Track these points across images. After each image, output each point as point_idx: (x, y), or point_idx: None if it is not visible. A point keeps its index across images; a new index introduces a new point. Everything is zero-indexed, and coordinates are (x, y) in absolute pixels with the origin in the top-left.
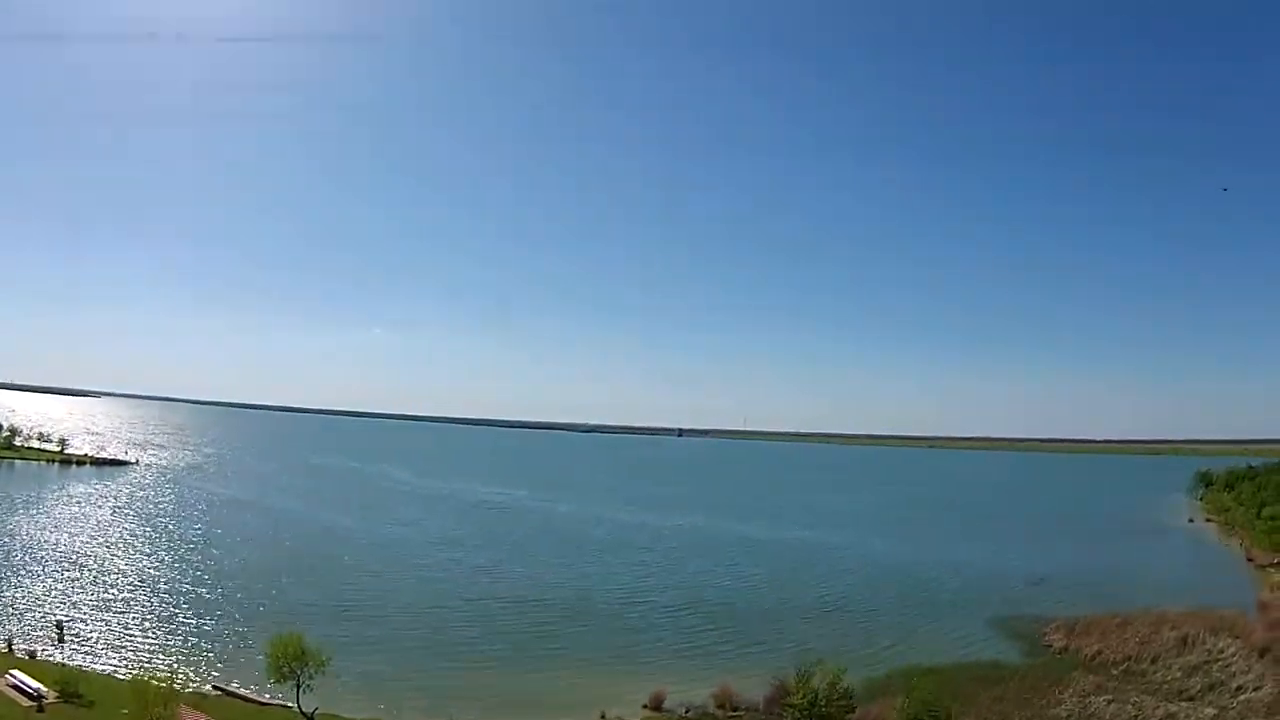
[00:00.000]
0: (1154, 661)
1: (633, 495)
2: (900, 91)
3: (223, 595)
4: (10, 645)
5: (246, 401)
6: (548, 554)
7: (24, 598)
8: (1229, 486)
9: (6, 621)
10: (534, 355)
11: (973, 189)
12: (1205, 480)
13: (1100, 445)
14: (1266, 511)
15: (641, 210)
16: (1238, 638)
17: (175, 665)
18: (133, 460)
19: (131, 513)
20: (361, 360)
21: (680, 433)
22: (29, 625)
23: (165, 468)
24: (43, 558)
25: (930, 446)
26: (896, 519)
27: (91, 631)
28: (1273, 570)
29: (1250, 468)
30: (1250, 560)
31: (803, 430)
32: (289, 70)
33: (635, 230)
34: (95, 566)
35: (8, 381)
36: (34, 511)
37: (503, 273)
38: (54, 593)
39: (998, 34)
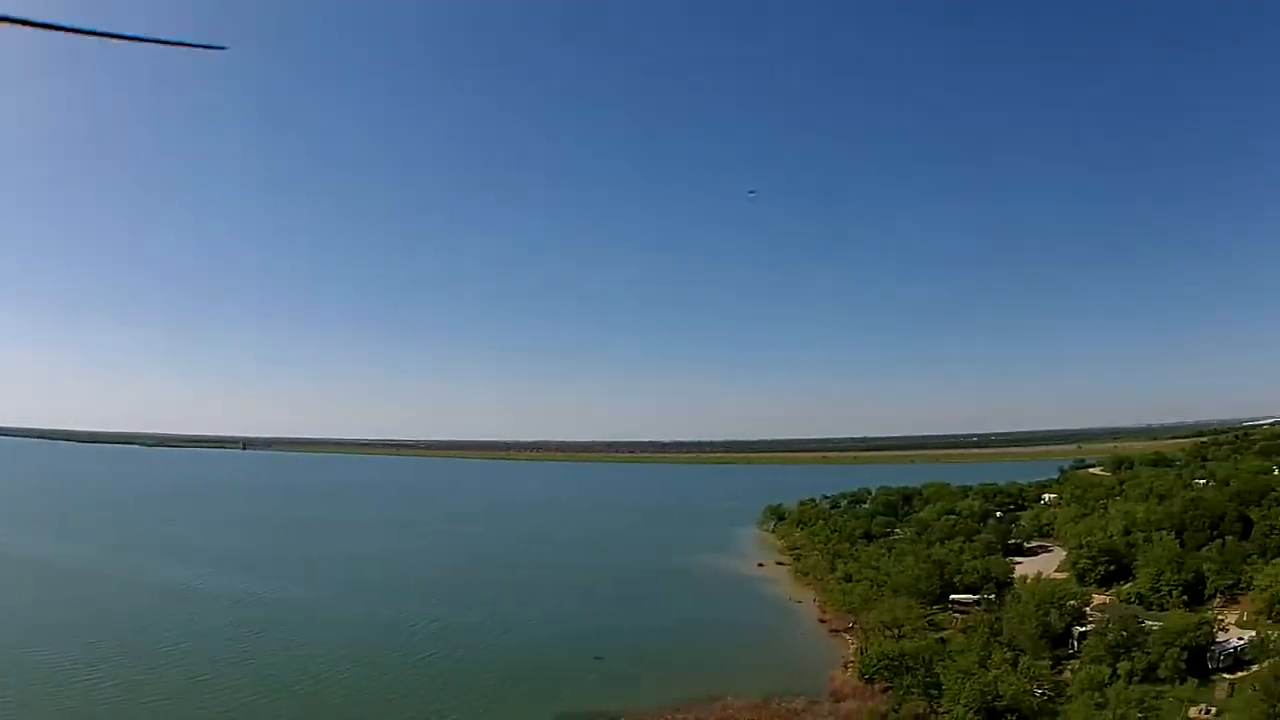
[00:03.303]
0: None
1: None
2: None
3: None
4: None
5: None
6: None
7: None
8: (801, 523)
9: None
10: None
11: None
12: (777, 514)
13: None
14: (840, 567)
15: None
16: None
17: None
18: None
19: None
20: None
21: (245, 445)
22: None
23: None
24: None
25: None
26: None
27: None
28: (847, 637)
29: (826, 499)
30: (823, 622)
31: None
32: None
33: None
34: None
35: None
36: None
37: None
38: None
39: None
